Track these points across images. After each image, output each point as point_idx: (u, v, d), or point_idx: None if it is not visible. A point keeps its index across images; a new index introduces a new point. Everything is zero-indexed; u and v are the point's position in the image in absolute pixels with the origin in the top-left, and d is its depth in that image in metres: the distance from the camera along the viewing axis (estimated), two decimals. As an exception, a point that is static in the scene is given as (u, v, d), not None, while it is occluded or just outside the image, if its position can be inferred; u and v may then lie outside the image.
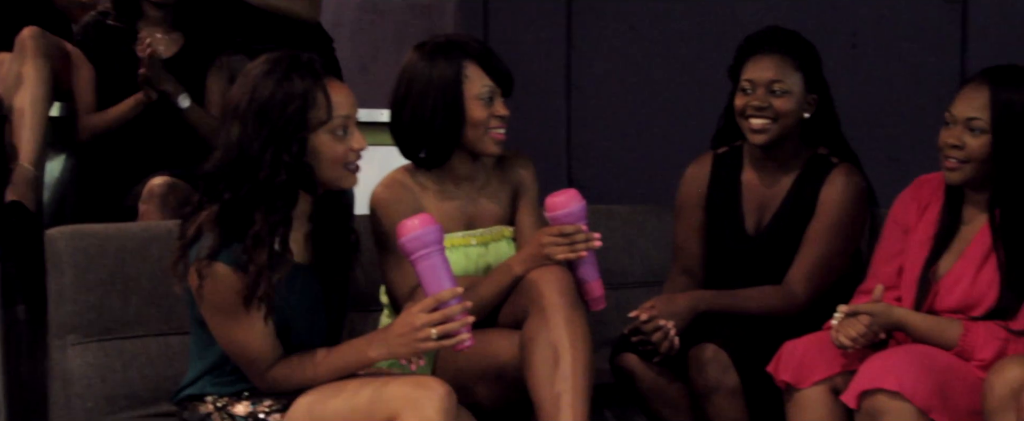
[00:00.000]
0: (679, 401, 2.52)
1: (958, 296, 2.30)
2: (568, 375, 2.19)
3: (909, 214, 2.42)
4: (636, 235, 3.02)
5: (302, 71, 2.04)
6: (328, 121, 2.05)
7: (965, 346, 2.23)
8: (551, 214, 2.36)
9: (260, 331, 2.06)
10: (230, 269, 2.01)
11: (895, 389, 2.15)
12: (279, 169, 2.01)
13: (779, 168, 2.60)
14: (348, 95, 2.09)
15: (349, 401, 2.03)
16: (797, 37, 2.58)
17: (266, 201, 2.02)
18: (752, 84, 2.54)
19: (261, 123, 2.02)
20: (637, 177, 3.74)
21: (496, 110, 2.37)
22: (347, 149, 2.07)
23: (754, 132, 2.54)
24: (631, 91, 3.79)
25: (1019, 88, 2.25)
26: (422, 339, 2.03)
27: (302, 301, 2.12)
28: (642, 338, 2.48)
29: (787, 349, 2.34)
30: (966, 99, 2.29)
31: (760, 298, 2.52)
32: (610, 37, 3.79)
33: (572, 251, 2.31)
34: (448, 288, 2.07)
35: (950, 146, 2.29)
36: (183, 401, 2.17)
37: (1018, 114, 2.24)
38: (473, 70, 2.36)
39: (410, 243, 2.10)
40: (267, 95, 2.03)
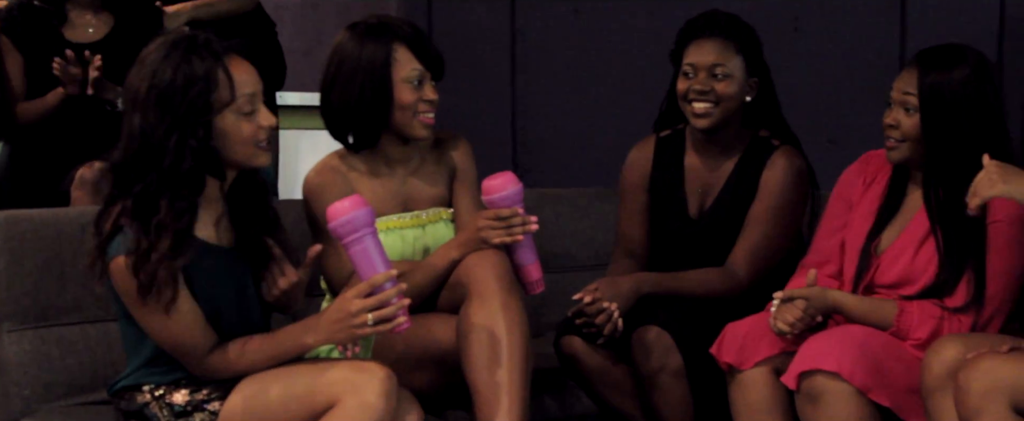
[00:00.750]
0: (624, 383, 2.53)
1: (897, 271, 2.33)
2: (504, 361, 2.18)
3: (854, 189, 2.45)
4: (581, 218, 3.02)
5: (201, 52, 1.99)
6: (232, 101, 2.00)
7: (900, 326, 2.26)
8: (487, 197, 2.35)
9: (185, 319, 2.03)
10: (130, 261, 1.97)
11: (833, 370, 2.17)
12: (184, 155, 1.97)
13: (721, 152, 2.62)
14: (251, 72, 2.04)
15: (289, 387, 2.02)
16: (737, 21, 2.59)
17: (171, 189, 1.98)
18: (694, 68, 2.55)
19: (163, 110, 1.97)
20: (582, 161, 3.75)
21: (425, 94, 2.36)
22: (256, 127, 2.03)
23: (697, 116, 2.55)
24: (576, 75, 3.79)
25: (947, 69, 2.28)
26: (358, 324, 2.01)
27: (228, 285, 2.09)
28: (586, 320, 2.48)
29: (730, 331, 2.35)
30: (902, 80, 2.33)
31: (703, 280, 2.54)
32: (554, 21, 3.78)
33: (509, 235, 2.30)
34: (382, 271, 2.04)
35: (888, 126, 2.33)
36: (119, 392, 2.13)
37: (944, 94, 2.27)
38: (402, 53, 2.34)
39: (341, 227, 2.06)
40: (167, 80, 1.97)
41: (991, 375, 2.00)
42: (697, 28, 2.57)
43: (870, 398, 2.18)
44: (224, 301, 2.09)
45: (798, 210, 2.59)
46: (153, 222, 1.97)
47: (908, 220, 2.36)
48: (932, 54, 2.33)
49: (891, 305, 2.28)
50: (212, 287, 2.07)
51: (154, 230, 1.97)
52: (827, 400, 2.17)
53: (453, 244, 2.34)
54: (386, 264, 2.07)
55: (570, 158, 3.79)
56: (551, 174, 3.76)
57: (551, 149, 3.82)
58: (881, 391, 2.18)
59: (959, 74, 2.27)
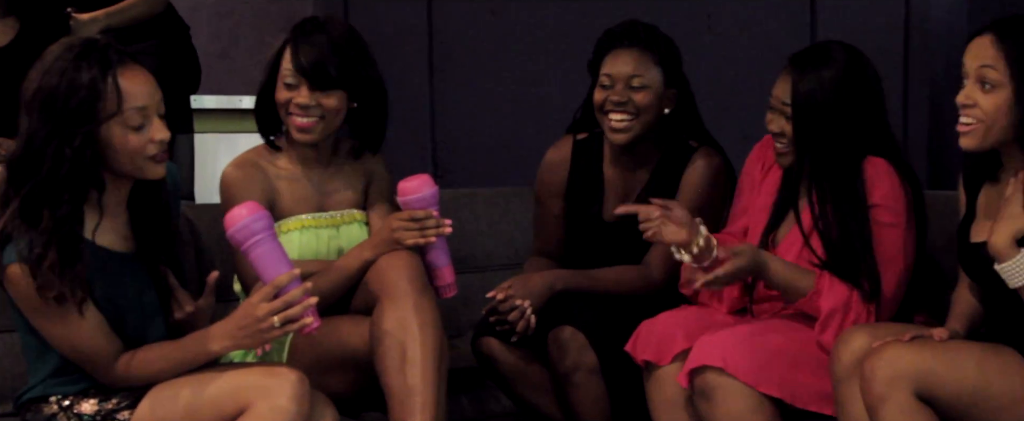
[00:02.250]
0: (541, 382, 2.54)
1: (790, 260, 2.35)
2: (417, 362, 2.18)
3: (755, 171, 2.48)
4: (500, 217, 3.03)
5: (91, 59, 1.95)
6: (118, 113, 1.96)
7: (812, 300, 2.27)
8: (402, 199, 2.36)
9: (87, 327, 1.99)
10: (25, 268, 1.94)
11: (718, 365, 2.20)
12: (62, 162, 1.93)
13: (639, 160, 2.61)
14: (146, 84, 1.99)
15: (200, 393, 2.00)
16: (656, 32, 2.58)
17: (51, 196, 1.94)
18: (611, 79, 2.53)
19: (45, 115, 1.94)
20: (501, 160, 3.76)
21: (296, 96, 2.34)
22: (145, 141, 1.99)
23: (615, 130, 2.53)
24: (493, 75, 3.80)
25: (816, 70, 2.28)
26: (265, 328, 1.99)
27: (129, 291, 2.06)
28: (499, 318, 2.49)
29: (644, 328, 2.37)
30: (779, 87, 2.35)
31: (618, 278, 2.55)
32: (471, 21, 3.79)
33: (422, 236, 2.30)
34: (285, 272, 2.03)
35: (775, 133, 2.36)
36: (26, 404, 2.09)
37: (816, 98, 2.27)
38: (288, 52, 2.36)
39: (239, 233, 2.05)
40: (52, 85, 1.94)
41: (895, 363, 2.04)
42: (615, 38, 2.55)
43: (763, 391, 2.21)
44: (125, 308, 2.06)
45: (717, 209, 2.60)
46: (38, 230, 1.94)
47: (802, 210, 2.38)
48: (802, 57, 2.33)
49: (811, 276, 2.29)
50: (113, 293, 2.03)
51: (41, 238, 1.94)
52: (719, 396, 2.20)
53: (367, 245, 2.34)
54: (288, 265, 2.06)
55: (488, 157, 3.80)
56: (470, 174, 3.77)
57: (469, 149, 3.83)
58: (770, 383, 2.21)
59: (828, 73, 2.28)
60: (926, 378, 2.03)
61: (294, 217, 2.41)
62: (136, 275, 2.08)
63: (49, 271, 1.93)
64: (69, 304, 1.96)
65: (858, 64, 2.31)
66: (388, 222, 2.33)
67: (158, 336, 2.09)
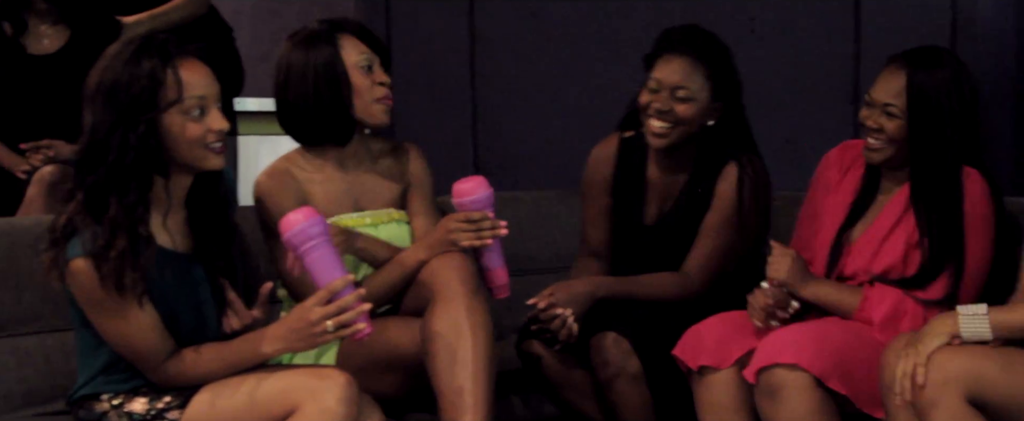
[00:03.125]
0: (584, 387, 2.54)
1: (863, 263, 2.35)
2: (469, 363, 2.18)
3: (831, 174, 2.46)
4: (542, 221, 3.03)
5: (151, 52, 2.00)
6: (178, 101, 2.01)
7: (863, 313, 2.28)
8: (458, 201, 2.36)
9: (144, 324, 2.02)
10: (90, 261, 1.97)
11: (792, 362, 2.18)
12: (127, 151, 1.98)
13: (680, 162, 2.60)
14: (204, 75, 2.05)
15: (250, 394, 2.01)
16: (714, 42, 2.54)
17: (118, 185, 1.98)
18: (659, 84, 2.51)
19: (108, 106, 1.99)
20: (542, 164, 3.76)
21: (377, 77, 2.37)
22: (204, 130, 2.03)
23: (654, 135, 2.52)
24: (535, 78, 3.80)
25: (931, 70, 2.29)
26: (318, 332, 2.01)
27: (185, 290, 2.09)
28: (541, 326, 2.48)
29: (695, 333, 2.36)
30: (884, 82, 2.33)
31: (658, 284, 2.54)
32: (513, 25, 3.79)
33: (478, 238, 2.30)
34: (339, 278, 2.04)
35: (870, 130, 2.34)
36: (78, 401, 2.12)
37: (930, 97, 2.28)
38: (347, 40, 2.37)
39: (295, 238, 2.07)
40: (114, 78, 2.00)
41: (946, 367, 2.02)
42: (673, 42, 2.52)
43: (828, 389, 2.20)
44: (181, 307, 2.08)
45: (754, 218, 2.58)
46: (106, 220, 1.98)
47: (878, 213, 2.38)
48: (915, 56, 2.33)
49: (857, 293, 2.30)
50: (169, 293, 2.06)
51: (108, 228, 1.97)
52: (785, 393, 2.19)
53: (421, 245, 2.34)
54: (342, 270, 2.07)
55: (530, 161, 3.80)
56: (512, 177, 3.77)
57: (511, 152, 3.83)
58: (839, 380, 2.19)
59: (943, 75, 2.29)
60: (978, 382, 2.01)
61: (331, 218, 2.42)
62: (193, 275, 2.10)
63: (115, 260, 1.96)
64: (129, 296, 1.98)
65: (966, 71, 2.33)
66: (443, 223, 2.33)
67: (212, 336, 2.11)
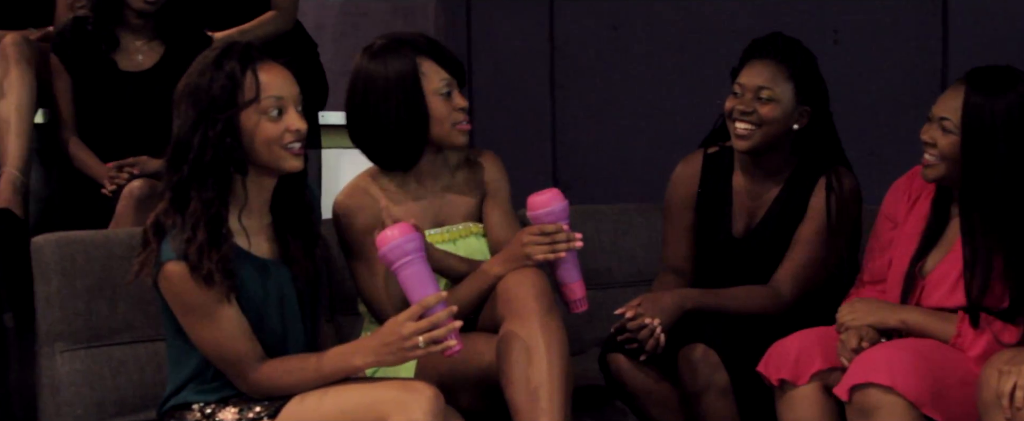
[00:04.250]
0: (669, 401, 2.52)
1: (941, 294, 2.31)
2: (544, 379, 2.18)
3: (899, 206, 2.43)
4: (622, 235, 3.02)
5: (232, 55, 2.07)
6: (256, 101, 2.06)
7: (957, 342, 2.25)
8: (532, 213, 2.36)
9: (234, 328, 2.06)
10: (182, 263, 2.03)
11: (887, 384, 2.15)
12: (206, 148, 2.03)
13: (768, 173, 2.60)
14: (284, 77, 2.09)
15: (339, 405, 2.03)
16: (796, 46, 2.56)
17: (199, 181, 2.04)
18: (742, 88, 2.53)
19: (191, 107, 2.06)
20: (622, 176, 3.75)
21: (456, 103, 2.37)
22: (283, 130, 2.07)
23: (738, 137, 2.54)
24: (615, 90, 3.80)
25: (994, 94, 2.25)
26: (410, 347, 2.04)
27: (271, 296, 2.12)
28: (628, 336, 2.48)
29: (777, 347, 2.34)
30: (944, 99, 2.31)
31: (746, 298, 2.53)
32: (593, 36, 3.79)
33: (553, 251, 2.30)
34: (432, 294, 2.07)
35: (925, 143, 2.31)
36: (169, 410, 2.16)
37: (985, 118, 2.23)
38: (428, 66, 2.35)
39: (391, 253, 2.10)
40: (197, 80, 2.07)
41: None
42: (755, 49, 2.55)
43: (924, 413, 2.17)
44: (266, 312, 2.12)
45: (847, 232, 2.56)
46: (188, 214, 2.04)
47: (953, 242, 2.34)
48: (982, 75, 2.29)
49: (952, 320, 2.26)
50: (254, 297, 2.10)
51: (190, 222, 2.03)
52: (880, 415, 2.16)
53: (496, 261, 2.34)
54: (435, 287, 2.10)
55: (610, 173, 3.79)
56: (591, 189, 3.77)
57: (590, 164, 3.83)
58: (935, 407, 2.16)
59: (1005, 100, 2.24)
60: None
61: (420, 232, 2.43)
62: (279, 281, 2.14)
63: (197, 253, 2.01)
64: (217, 294, 2.02)
65: None
66: (518, 237, 2.33)
67: (298, 344, 2.14)
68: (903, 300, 2.34)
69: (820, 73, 2.58)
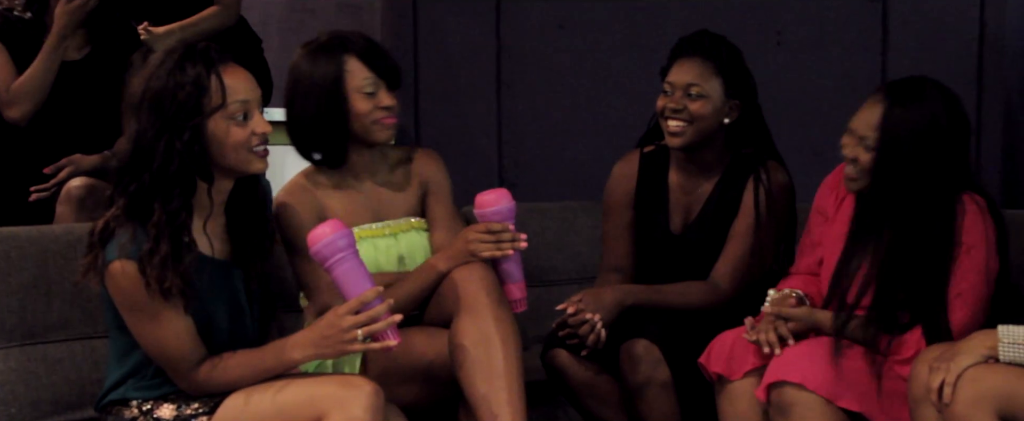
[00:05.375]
0: (610, 396, 2.54)
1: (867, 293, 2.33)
2: (502, 372, 2.19)
3: (828, 202, 2.46)
4: (567, 232, 3.03)
5: (194, 59, 2.04)
6: (223, 106, 2.04)
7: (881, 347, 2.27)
8: (480, 211, 2.37)
9: (179, 329, 2.04)
10: (134, 264, 2.00)
11: (798, 381, 2.18)
12: (172, 157, 2.01)
13: (703, 169, 2.63)
14: (247, 80, 2.08)
15: (276, 402, 2.02)
16: (722, 42, 2.59)
17: (163, 191, 2.02)
18: (672, 86, 2.57)
19: (154, 113, 2.03)
20: (568, 175, 3.76)
21: (380, 101, 2.38)
22: (249, 133, 2.06)
23: (671, 134, 2.57)
24: (561, 89, 3.81)
25: (909, 107, 2.24)
26: (348, 340, 2.03)
27: (222, 297, 2.11)
28: (569, 331, 2.49)
29: (718, 341, 2.36)
30: (862, 114, 2.29)
31: (687, 292, 2.55)
32: (539, 36, 3.80)
33: (498, 249, 2.31)
34: (369, 289, 2.06)
35: (848, 159, 2.32)
36: (106, 407, 2.14)
37: (902, 136, 2.24)
38: (354, 64, 2.36)
39: (324, 250, 2.09)
40: (159, 85, 2.04)
41: (977, 384, 2.01)
42: (682, 47, 2.60)
43: (841, 405, 2.19)
44: (218, 313, 2.10)
45: (781, 225, 2.60)
46: (149, 225, 2.01)
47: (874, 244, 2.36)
48: (896, 89, 2.29)
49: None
50: (207, 298, 2.08)
51: (152, 233, 2.01)
52: (796, 411, 2.19)
53: (440, 257, 2.35)
54: (371, 282, 2.09)
55: (556, 172, 3.80)
56: (537, 188, 3.77)
57: (537, 163, 3.83)
58: (849, 396, 2.19)
59: (921, 112, 2.24)
60: (1011, 401, 2.00)
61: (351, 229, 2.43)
62: (231, 280, 2.13)
63: (160, 265, 1.99)
64: (169, 301, 2.00)
65: (952, 107, 2.27)
66: (464, 234, 2.34)
67: (248, 342, 2.13)
68: (829, 297, 2.37)
69: (747, 67, 2.62)
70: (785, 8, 3.74)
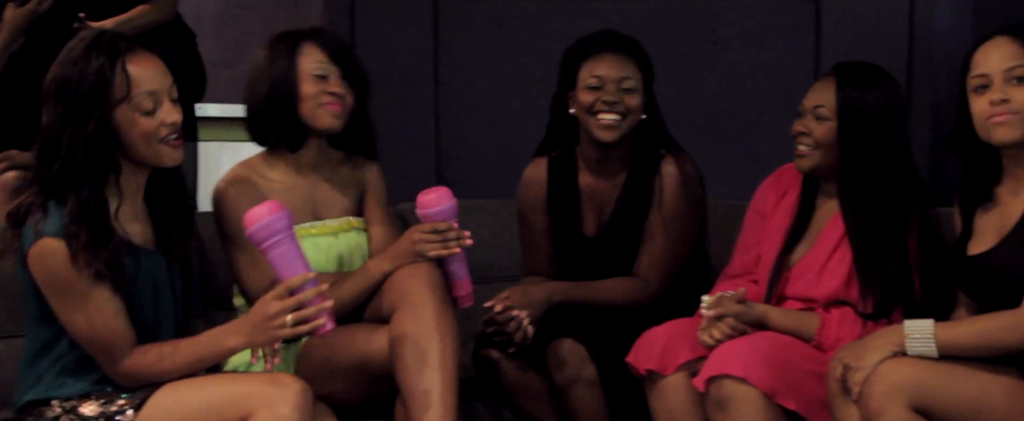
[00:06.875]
0: (540, 394, 2.55)
1: (805, 284, 2.38)
2: (437, 368, 2.19)
3: (767, 201, 2.50)
4: (502, 229, 3.03)
5: (100, 48, 2.02)
6: (128, 97, 2.02)
7: (821, 339, 2.31)
8: (422, 211, 2.37)
9: (109, 309, 2.02)
10: (62, 242, 1.98)
11: (740, 375, 2.20)
12: (78, 148, 1.99)
13: (612, 168, 2.64)
14: (155, 69, 2.06)
15: (203, 399, 2.01)
16: (634, 40, 2.62)
17: (72, 182, 2.00)
18: (602, 80, 2.56)
19: (60, 103, 2.01)
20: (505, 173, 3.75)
21: (329, 86, 2.37)
22: (157, 124, 2.04)
23: (604, 128, 2.55)
24: (498, 87, 3.82)
25: (865, 86, 2.34)
26: (278, 326, 2.01)
27: (146, 284, 2.09)
28: (497, 328, 2.49)
29: (645, 338, 2.38)
30: (815, 90, 2.39)
31: (614, 289, 2.57)
32: (477, 33, 3.80)
33: (444, 248, 2.31)
34: (300, 274, 2.04)
35: (799, 133, 2.38)
36: (26, 408, 2.10)
37: (860, 107, 2.33)
38: (308, 48, 2.38)
39: (260, 232, 2.07)
40: (65, 75, 2.02)
41: (891, 377, 2.05)
42: (598, 44, 2.59)
43: (778, 403, 2.22)
44: (141, 300, 2.08)
45: (695, 214, 2.62)
46: (66, 213, 1.99)
47: (818, 233, 2.40)
48: (851, 69, 2.38)
49: (814, 319, 2.32)
50: (130, 285, 2.06)
51: (69, 221, 1.99)
52: (734, 405, 2.21)
53: (386, 256, 2.35)
54: (306, 267, 2.07)
55: (493, 170, 3.80)
56: (474, 185, 3.77)
57: (474, 161, 3.84)
58: (788, 395, 2.22)
59: (875, 94, 2.33)
60: (922, 391, 2.03)
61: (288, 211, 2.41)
62: (153, 269, 2.10)
63: (82, 250, 1.97)
64: (104, 281, 1.98)
65: (898, 93, 2.37)
66: (408, 235, 2.34)
67: (169, 333, 2.11)
68: (769, 290, 2.40)
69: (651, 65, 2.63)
70: (720, 9, 3.78)
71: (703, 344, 2.31)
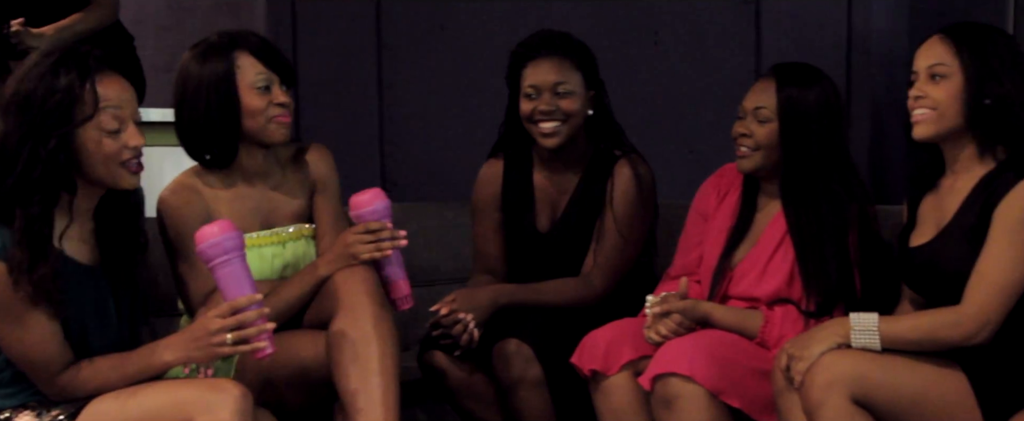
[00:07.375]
0: (486, 396, 2.55)
1: (748, 283, 2.40)
2: (376, 371, 2.18)
3: (709, 202, 2.52)
4: (447, 231, 3.04)
5: (70, 65, 1.99)
6: (94, 116, 1.99)
7: (765, 336, 2.33)
8: (355, 213, 2.35)
9: (45, 333, 2.00)
10: (3, 265, 1.95)
11: (686, 373, 2.22)
12: (35, 164, 1.96)
13: (567, 166, 2.65)
14: (123, 90, 2.03)
15: (140, 406, 1.98)
16: (570, 38, 2.62)
17: (23, 198, 1.97)
18: (537, 89, 2.57)
19: (21, 117, 1.97)
20: (450, 174, 3.76)
21: (274, 97, 2.34)
22: (121, 146, 2.01)
23: (545, 136, 2.57)
24: (442, 89, 3.82)
25: (804, 86, 2.37)
26: (217, 344, 2.00)
27: (88, 303, 2.06)
28: (443, 331, 2.49)
29: (590, 339, 2.39)
30: (755, 92, 2.41)
31: (560, 290, 2.58)
32: (420, 36, 3.80)
33: (378, 249, 2.30)
34: (246, 295, 2.03)
35: (740, 135, 2.40)
36: (-41, 418, 2.08)
37: (801, 108, 2.35)
38: (245, 60, 2.32)
39: (210, 250, 2.05)
40: (29, 89, 1.98)
41: (831, 369, 2.07)
42: (533, 49, 2.59)
43: (723, 401, 2.23)
44: (85, 319, 2.06)
45: (646, 217, 2.64)
46: (11, 230, 1.96)
47: (760, 233, 2.43)
48: (789, 69, 2.41)
49: (758, 316, 2.34)
50: (72, 304, 2.03)
51: (12, 238, 1.96)
52: (680, 403, 2.22)
53: (322, 261, 2.33)
54: (252, 288, 2.06)
55: (437, 171, 3.80)
56: (419, 187, 3.77)
57: (418, 162, 3.83)
58: (733, 394, 2.23)
59: (815, 94, 2.36)
60: (862, 383, 2.06)
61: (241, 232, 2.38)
62: (96, 287, 2.08)
63: (17, 270, 1.94)
64: (42, 305, 1.96)
65: (834, 91, 2.40)
66: (343, 237, 2.32)
67: (116, 350, 2.08)
68: (713, 290, 2.42)
69: (594, 57, 2.63)
70: (661, 9, 3.80)
71: (649, 341, 2.32)
